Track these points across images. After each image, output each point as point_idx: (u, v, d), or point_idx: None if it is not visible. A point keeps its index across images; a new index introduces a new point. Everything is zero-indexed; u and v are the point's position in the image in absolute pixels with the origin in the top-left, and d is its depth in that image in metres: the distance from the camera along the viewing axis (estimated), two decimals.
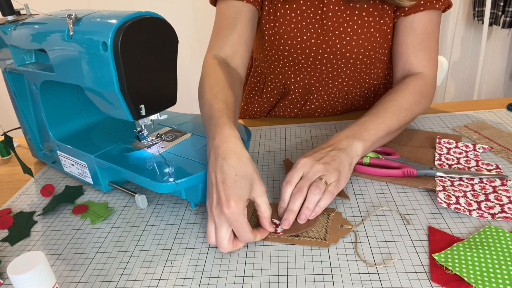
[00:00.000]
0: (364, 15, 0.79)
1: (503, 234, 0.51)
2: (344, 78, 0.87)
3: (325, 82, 0.88)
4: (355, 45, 0.80)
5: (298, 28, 0.81)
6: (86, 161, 0.69)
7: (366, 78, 0.88)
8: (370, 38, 0.80)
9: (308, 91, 0.91)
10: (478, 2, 1.99)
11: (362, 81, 0.88)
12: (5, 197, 0.75)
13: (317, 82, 0.88)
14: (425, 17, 0.76)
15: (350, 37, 0.80)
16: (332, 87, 0.89)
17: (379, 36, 0.80)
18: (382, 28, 0.79)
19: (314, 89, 0.90)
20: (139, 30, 0.54)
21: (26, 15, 0.74)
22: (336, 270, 0.49)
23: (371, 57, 0.83)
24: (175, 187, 0.57)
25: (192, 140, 0.69)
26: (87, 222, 0.64)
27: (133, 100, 0.58)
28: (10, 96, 0.80)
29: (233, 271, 0.51)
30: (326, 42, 0.81)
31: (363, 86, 0.90)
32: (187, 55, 2.17)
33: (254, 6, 0.81)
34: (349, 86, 0.89)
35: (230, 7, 0.81)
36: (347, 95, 0.91)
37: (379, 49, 0.82)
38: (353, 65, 0.84)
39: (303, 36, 0.81)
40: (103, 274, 0.53)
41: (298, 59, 0.85)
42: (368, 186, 0.65)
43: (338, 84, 0.88)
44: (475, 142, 0.73)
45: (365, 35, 0.79)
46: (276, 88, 0.94)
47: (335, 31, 0.80)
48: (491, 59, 2.21)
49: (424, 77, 0.77)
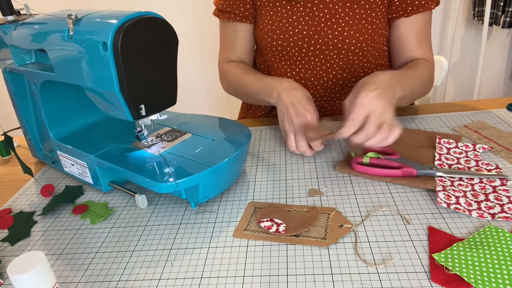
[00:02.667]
0: (356, 7, 0.83)
1: (503, 234, 0.51)
2: (338, 70, 0.89)
3: (319, 76, 0.90)
4: (347, 36, 0.84)
5: (290, 22, 0.85)
6: (86, 161, 0.69)
7: (360, 71, 0.90)
8: (361, 29, 0.83)
9: (304, 86, 0.92)
10: (478, 2, 1.99)
11: (356, 74, 0.90)
12: (5, 197, 0.75)
13: (312, 76, 0.91)
14: (423, 17, 0.85)
15: (341, 27, 0.83)
16: (327, 80, 0.91)
17: (370, 29, 0.84)
18: (373, 21, 0.83)
19: (310, 84, 0.92)
20: (139, 30, 0.54)
21: (26, 15, 0.74)
22: (336, 270, 0.49)
23: (363, 49, 0.86)
24: (175, 187, 0.57)
25: (192, 140, 0.69)
26: (87, 222, 0.64)
27: (133, 100, 0.58)
28: (10, 96, 0.80)
29: (233, 271, 0.51)
30: (318, 33, 0.85)
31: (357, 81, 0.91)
32: (187, 55, 2.17)
33: (247, 23, 0.92)
34: (344, 79, 0.91)
35: (229, 27, 0.94)
36: (343, 89, 0.92)
37: (370, 42, 0.85)
38: (345, 56, 0.87)
39: (294, 29, 0.85)
40: (103, 274, 0.53)
41: (292, 52, 0.88)
42: (368, 186, 0.65)
43: (333, 77, 0.90)
44: (475, 142, 0.73)
45: (356, 26, 0.83)
46: None
47: (327, 22, 0.84)
48: (491, 59, 2.21)
49: (429, 64, 0.87)
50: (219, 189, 0.65)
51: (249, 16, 0.91)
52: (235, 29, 0.93)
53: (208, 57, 2.20)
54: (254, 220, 0.59)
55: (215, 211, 0.63)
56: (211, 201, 0.65)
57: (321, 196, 0.64)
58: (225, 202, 0.65)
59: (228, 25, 0.94)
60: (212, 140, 0.68)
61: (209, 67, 2.22)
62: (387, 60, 0.94)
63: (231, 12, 0.91)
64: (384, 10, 0.85)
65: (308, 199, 0.63)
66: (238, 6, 0.90)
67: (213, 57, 2.28)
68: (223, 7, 0.91)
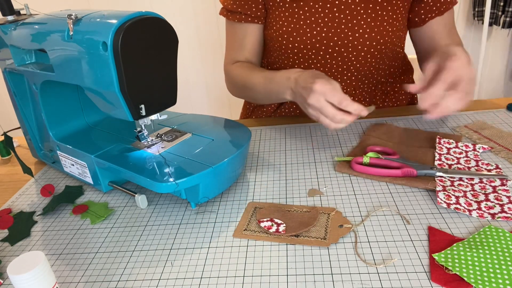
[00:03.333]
0: (378, 8, 0.82)
1: (503, 234, 0.51)
2: (353, 72, 0.88)
3: (333, 77, 0.89)
4: (368, 38, 0.83)
5: (308, 24, 0.83)
6: (86, 161, 0.69)
7: (374, 73, 0.90)
8: (382, 31, 0.83)
9: None
10: (478, 2, 1.99)
11: (370, 76, 0.90)
12: (5, 197, 0.75)
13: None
14: (450, 13, 0.88)
15: (363, 29, 0.82)
16: (341, 81, 0.90)
17: (390, 30, 0.83)
18: (393, 23, 0.83)
19: None
20: (139, 30, 0.54)
21: (26, 15, 0.74)
22: (336, 270, 0.49)
23: (381, 51, 0.85)
24: (175, 187, 0.57)
25: (192, 140, 0.69)
26: (87, 222, 0.64)
27: (133, 100, 0.58)
28: (10, 96, 0.80)
29: (233, 271, 0.51)
30: (338, 35, 0.83)
31: (371, 82, 0.92)
32: (187, 55, 2.17)
33: (258, 24, 0.89)
34: (357, 81, 0.90)
35: (237, 29, 0.91)
36: (355, 90, 0.92)
37: (389, 44, 0.85)
38: (363, 58, 0.86)
39: (313, 31, 0.83)
40: (103, 274, 0.53)
41: (308, 55, 0.86)
42: (368, 186, 0.65)
43: (347, 79, 0.90)
44: (475, 142, 0.73)
45: (378, 28, 0.82)
46: None
47: (348, 23, 0.82)
48: (491, 59, 2.21)
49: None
50: (219, 189, 0.65)
51: (261, 17, 0.88)
52: (245, 30, 0.90)
53: (208, 57, 2.20)
54: (254, 220, 0.59)
55: (215, 211, 0.63)
56: (211, 201, 0.65)
57: (321, 196, 0.64)
58: (225, 202, 0.65)
59: (238, 26, 0.91)
60: (212, 140, 0.68)
61: (209, 67, 2.22)
62: (400, 62, 0.94)
63: (242, 13, 0.87)
64: (404, 12, 0.84)
65: (308, 199, 0.63)
66: (250, 7, 0.86)
67: (213, 57, 2.29)
68: (233, 7, 0.88)
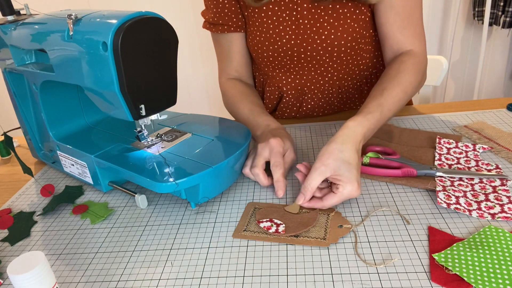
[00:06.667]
0: (338, 7, 0.79)
1: (503, 234, 0.51)
2: (333, 72, 0.88)
3: (315, 80, 0.89)
4: (334, 39, 0.81)
5: (277, 33, 0.83)
6: (86, 161, 0.69)
7: (355, 69, 0.89)
8: (348, 29, 0.81)
9: (301, 92, 0.92)
10: (478, 2, 1.99)
11: (351, 73, 0.89)
12: (5, 197, 0.75)
13: (308, 81, 0.90)
14: (407, 2, 0.77)
15: (327, 31, 0.81)
16: (324, 83, 0.90)
17: (357, 26, 0.81)
18: (359, 18, 0.80)
19: (306, 89, 0.91)
20: (139, 30, 0.54)
21: (26, 15, 0.74)
22: (336, 270, 0.49)
23: (354, 48, 0.84)
24: (175, 187, 0.57)
25: (192, 140, 0.69)
26: (87, 222, 0.64)
27: (133, 100, 0.58)
28: (10, 96, 0.80)
29: (233, 271, 0.51)
30: (306, 40, 0.83)
31: (354, 78, 0.91)
32: (187, 55, 2.17)
33: (241, 32, 0.89)
34: (340, 79, 0.90)
35: (222, 39, 0.91)
36: (340, 89, 0.91)
37: (361, 39, 0.83)
38: (338, 58, 0.85)
39: (282, 39, 0.83)
40: (103, 274, 0.53)
41: (284, 61, 0.87)
42: (368, 186, 0.65)
43: (329, 80, 0.89)
44: (475, 142, 0.73)
45: (342, 27, 0.80)
46: (272, 93, 0.95)
47: (312, 28, 0.81)
48: (491, 59, 2.21)
49: (415, 54, 0.78)
50: (219, 189, 0.65)
51: (242, 26, 0.88)
52: (229, 40, 0.90)
53: (208, 57, 2.20)
54: (254, 221, 0.59)
55: (215, 211, 0.63)
56: (211, 201, 0.65)
57: None
58: (225, 202, 0.65)
59: (222, 37, 0.91)
60: (212, 140, 0.68)
61: (209, 67, 2.22)
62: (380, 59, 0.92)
63: (223, 24, 0.87)
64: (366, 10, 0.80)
65: None
66: (230, 17, 0.86)
67: (213, 56, 2.28)
68: (214, 20, 0.88)
